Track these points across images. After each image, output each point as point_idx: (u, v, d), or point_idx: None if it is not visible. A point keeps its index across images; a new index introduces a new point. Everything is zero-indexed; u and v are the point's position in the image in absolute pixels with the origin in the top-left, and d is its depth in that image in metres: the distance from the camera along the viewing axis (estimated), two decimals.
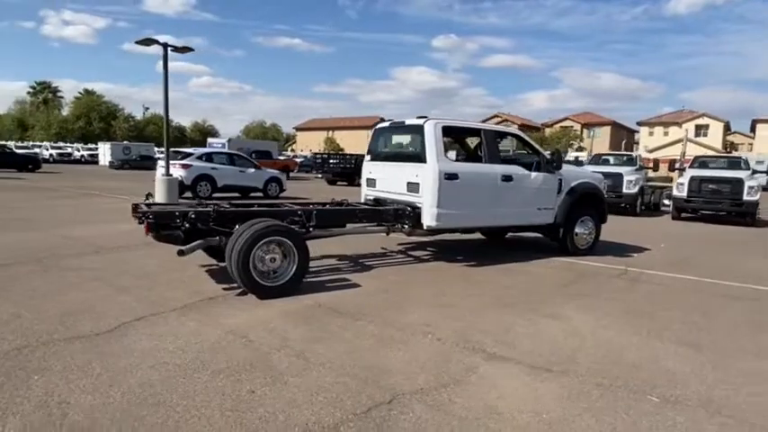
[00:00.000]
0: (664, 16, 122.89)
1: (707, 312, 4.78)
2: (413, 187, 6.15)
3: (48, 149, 44.83)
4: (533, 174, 6.69)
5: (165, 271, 5.48)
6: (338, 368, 3.21)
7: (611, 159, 18.51)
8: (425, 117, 6.17)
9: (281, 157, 37.04)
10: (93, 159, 43.05)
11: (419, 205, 6.06)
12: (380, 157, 7.05)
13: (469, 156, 6.89)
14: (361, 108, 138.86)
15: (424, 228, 6.05)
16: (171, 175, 12.85)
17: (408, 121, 6.44)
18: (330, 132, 69.42)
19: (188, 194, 14.03)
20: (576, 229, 7.17)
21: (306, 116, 76.67)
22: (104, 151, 40.62)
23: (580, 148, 46.73)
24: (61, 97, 63.82)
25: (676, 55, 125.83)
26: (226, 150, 18.40)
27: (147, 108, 68.56)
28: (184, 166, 14.10)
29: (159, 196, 12.20)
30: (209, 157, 15.05)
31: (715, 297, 5.39)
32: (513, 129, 7.43)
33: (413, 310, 4.47)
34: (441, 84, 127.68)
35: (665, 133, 55.00)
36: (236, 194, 15.29)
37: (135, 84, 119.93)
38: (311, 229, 5.49)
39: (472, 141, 7.97)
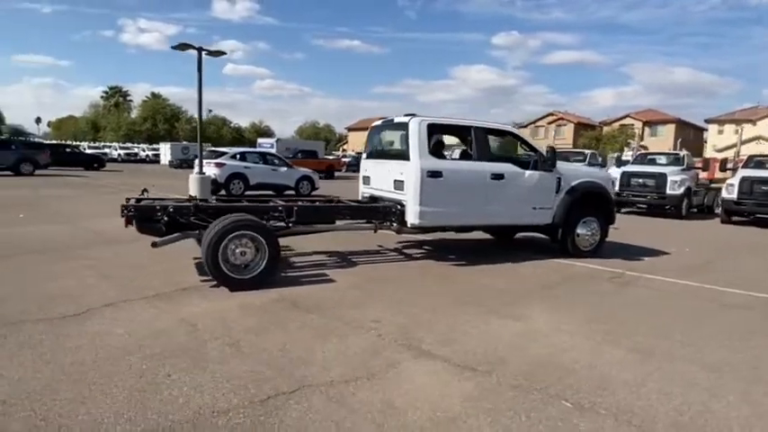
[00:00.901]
0: (746, 5, 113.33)
1: (685, 320, 4.49)
2: (398, 185, 6.17)
3: (116, 149, 48.23)
4: (527, 172, 6.50)
5: (156, 262, 5.79)
6: (262, 358, 3.31)
7: (661, 159, 17.55)
8: (413, 114, 6.16)
9: (330, 157, 37.74)
10: (156, 159, 45.83)
11: (405, 203, 6.06)
12: (374, 154, 7.11)
13: (465, 153, 6.81)
14: (419, 108, 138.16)
15: (408, 225, 6.04)
16: (204, 174, 13.54)
17: (396, 119, 6.45)
18: None
19: (222, 192, 14.70)
20: (578, 231, 6.89)
21: (364, 117, 76.89)
22: (165, 151, 43.05)
23: (643, 147, 44.30)
24: (130, 100, 68.49)
25: (761, 47, 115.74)
26: (259, 150, 19.04)
27: (211, 111, 72.15)
28: (218, 165, 14.76)
29: (193, 193, 12.88)
30: (242, 157, 15.69)
31: (706, 305, 5.04)
32: (509, 126, 7.23)
33: (371, 306, 4.51)
34: (500, 82, 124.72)
35: (736, 131, 51.07)
36: (270, 192, 15.82)
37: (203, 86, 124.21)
38: (290, 224, 5.64)
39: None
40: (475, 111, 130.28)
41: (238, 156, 15.67)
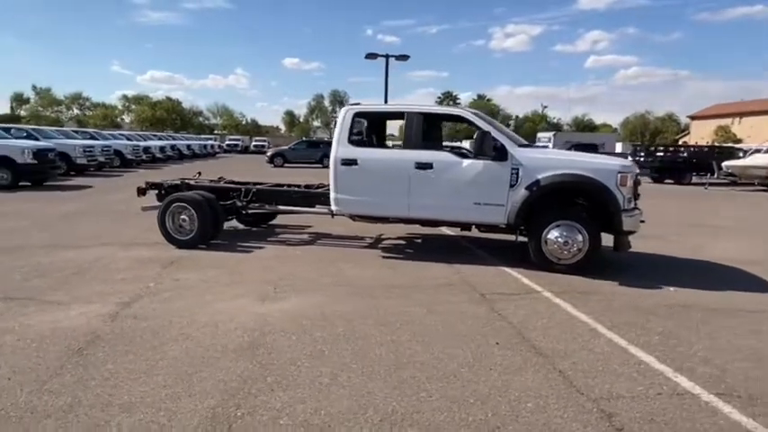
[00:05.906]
0: None
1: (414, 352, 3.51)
2: None
3: None
4: (466, 162, 5.55)
5: None
6: (60, 284, 4.81)
7: None
8: (357, 103, 6.27)
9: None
10: None
11: None
12: None
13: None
14: None
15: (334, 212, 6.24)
16: None
17: None
18: (736, 120, 55.81)
19: None
20: (548, 236, 5.34)
21: (733, 100, 58.61)
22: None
23: None
24: (458, 103, 77.37)
25: None
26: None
27: (546, 107, 75.98)
28: None
29: None
30: None
31: (479, 339, 3.57)
32: (458, 109, 5.98)
33: (205, 271, 5.32)
34: None
35: None
36: None
37: (561, 83, 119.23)
38: (244, 203, 6.76)
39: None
40: None
41: None
